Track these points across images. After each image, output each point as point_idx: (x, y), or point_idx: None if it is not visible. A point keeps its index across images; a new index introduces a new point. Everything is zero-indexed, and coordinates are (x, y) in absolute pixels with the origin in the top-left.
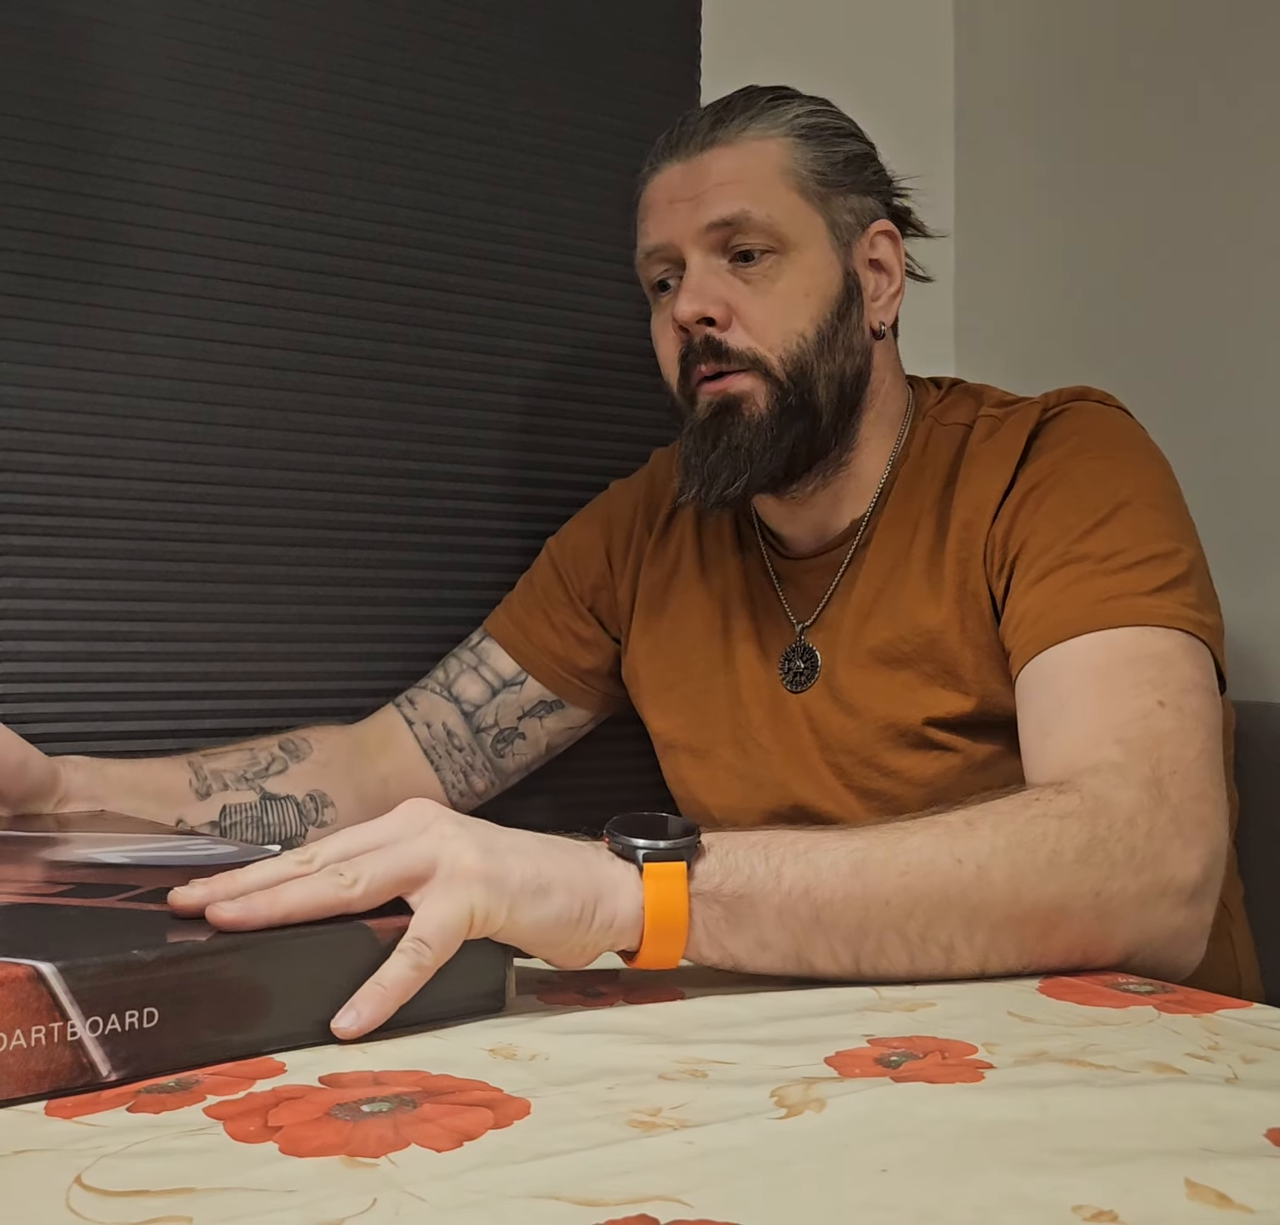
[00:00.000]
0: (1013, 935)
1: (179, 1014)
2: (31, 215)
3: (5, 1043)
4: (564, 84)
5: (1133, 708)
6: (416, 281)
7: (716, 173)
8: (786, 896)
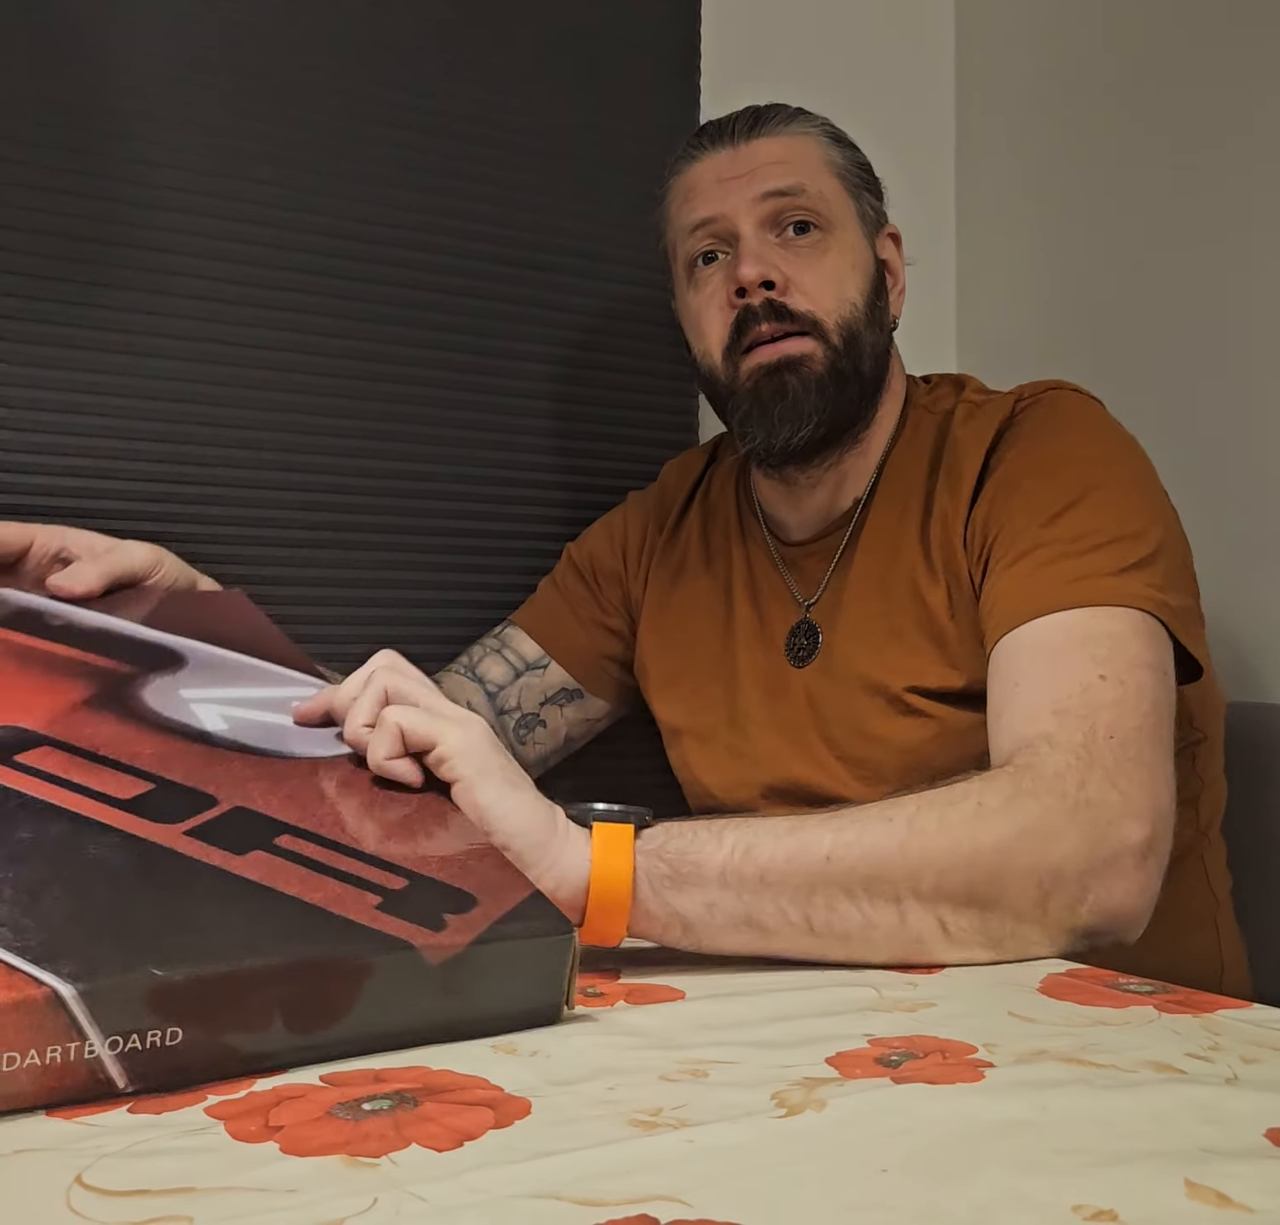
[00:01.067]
0: (960, 882)
1: (207, 1031)
2: (35, 216)
3: (19, 1061)
4: (564, 85)
5: (1074, 682)
6: (420, 282)
7: (766, 154)
8: (729, 855)
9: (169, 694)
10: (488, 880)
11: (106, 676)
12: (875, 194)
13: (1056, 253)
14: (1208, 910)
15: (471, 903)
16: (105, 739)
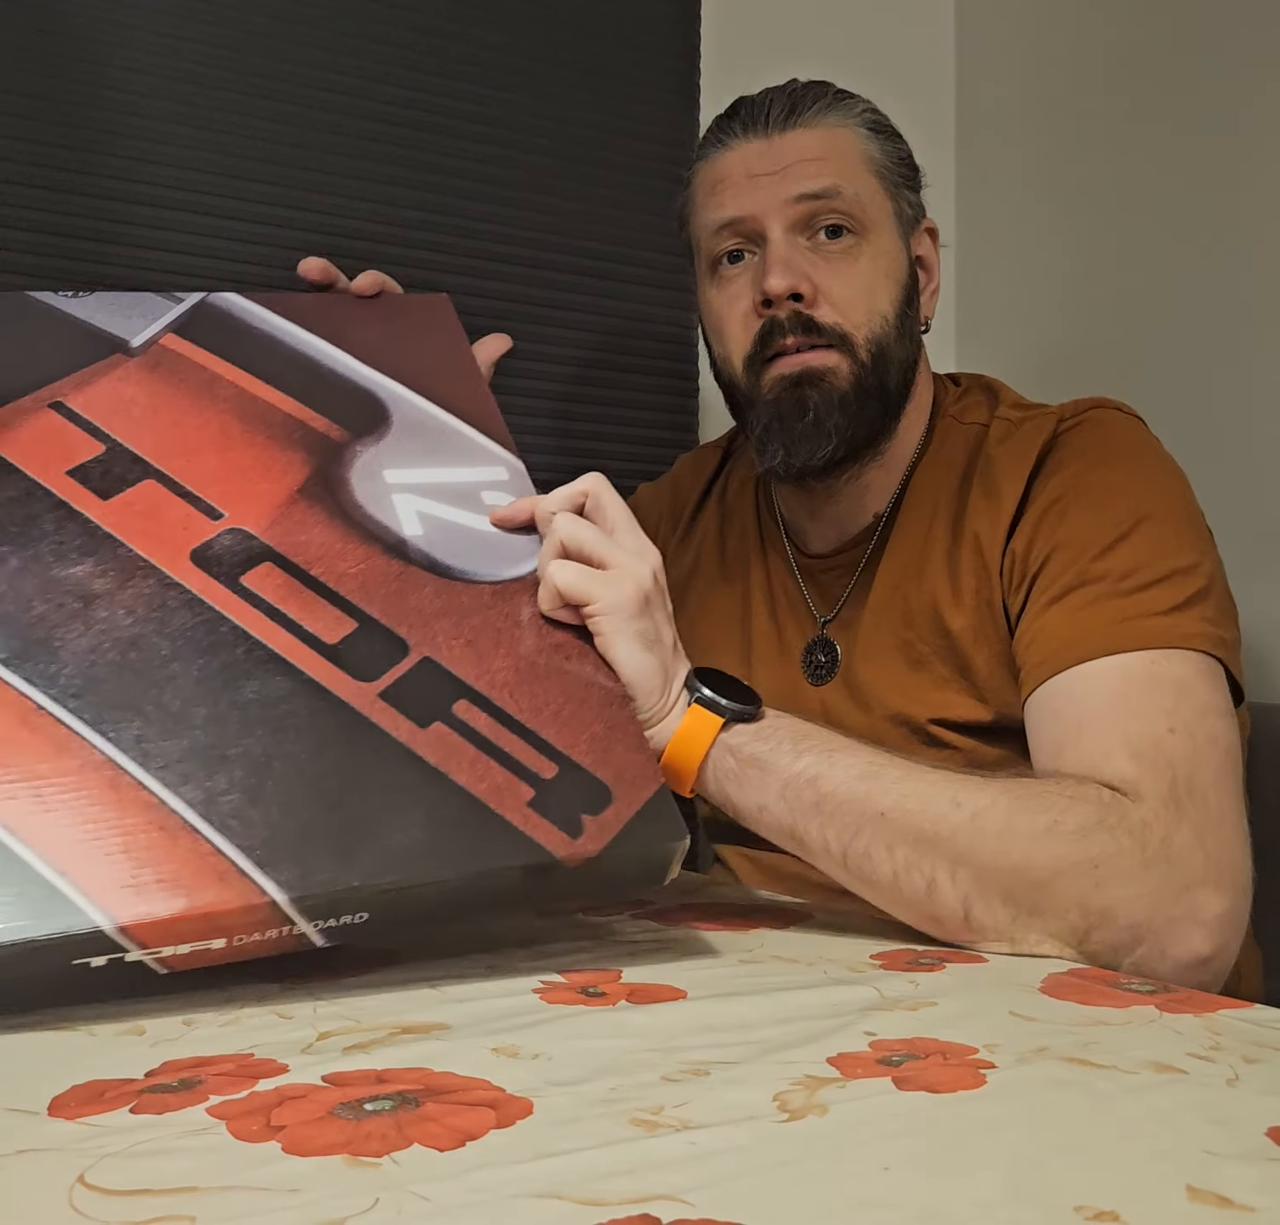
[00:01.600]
0: (999, 885)
1: (385, 916)
2: (32, 215)
3: (246, 938)
4: (564, 84)
5: (1145, 730)
6: (418, 281)
7: (802, 149)
8: (796, 777)
9: (374, 477)
10: (624, 769)
11: (320, 446)
12: (914, 188)
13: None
14: None
15: (606, 798)
16: (317, 550)
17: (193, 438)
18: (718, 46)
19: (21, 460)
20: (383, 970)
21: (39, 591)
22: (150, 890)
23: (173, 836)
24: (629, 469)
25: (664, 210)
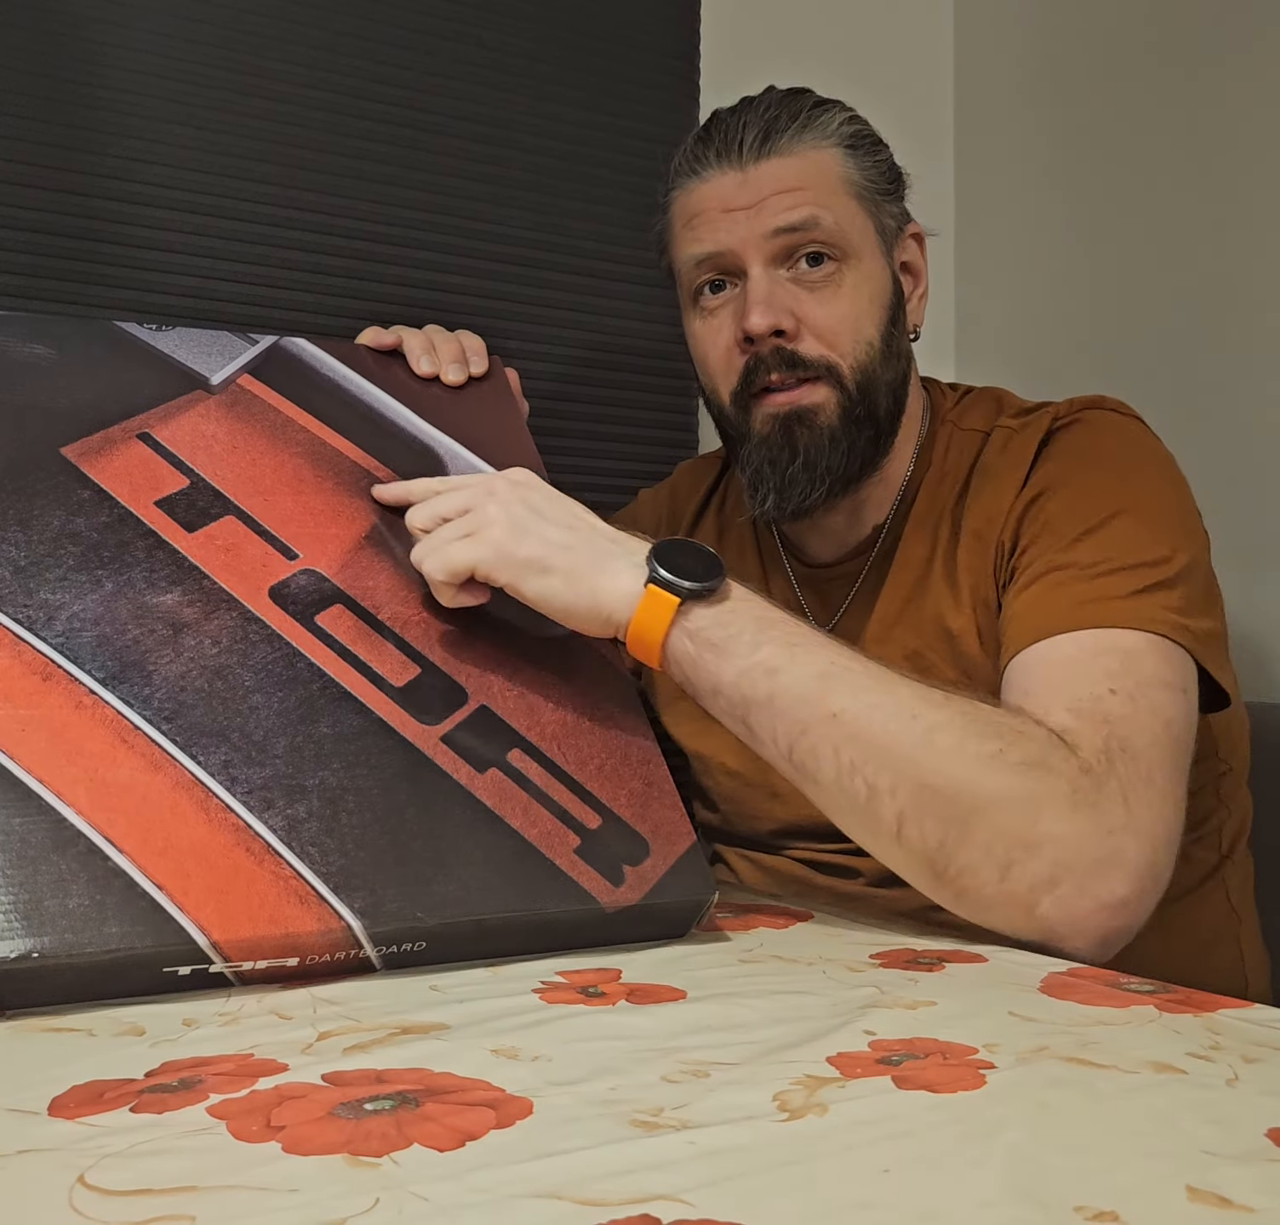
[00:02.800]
0: (937, 803)
1: (440, 946)
2: (29, 214)
3: (318, 959)
4: (564, 84)
5: (1085, 689)
6: (416, 281)
7: (777, 181)
8: (753, 667)
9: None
10: (660, 824)
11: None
12: (897, 196)
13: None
14: (1229, 928)
15: (644, 851)
16: (383, 596)
17: (269, 478)
18: (718, 46)
19: (113, 487)
20: (382, 970)
21: (133, 616)
22: (239, 908)
23: (258, 859)
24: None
25: None
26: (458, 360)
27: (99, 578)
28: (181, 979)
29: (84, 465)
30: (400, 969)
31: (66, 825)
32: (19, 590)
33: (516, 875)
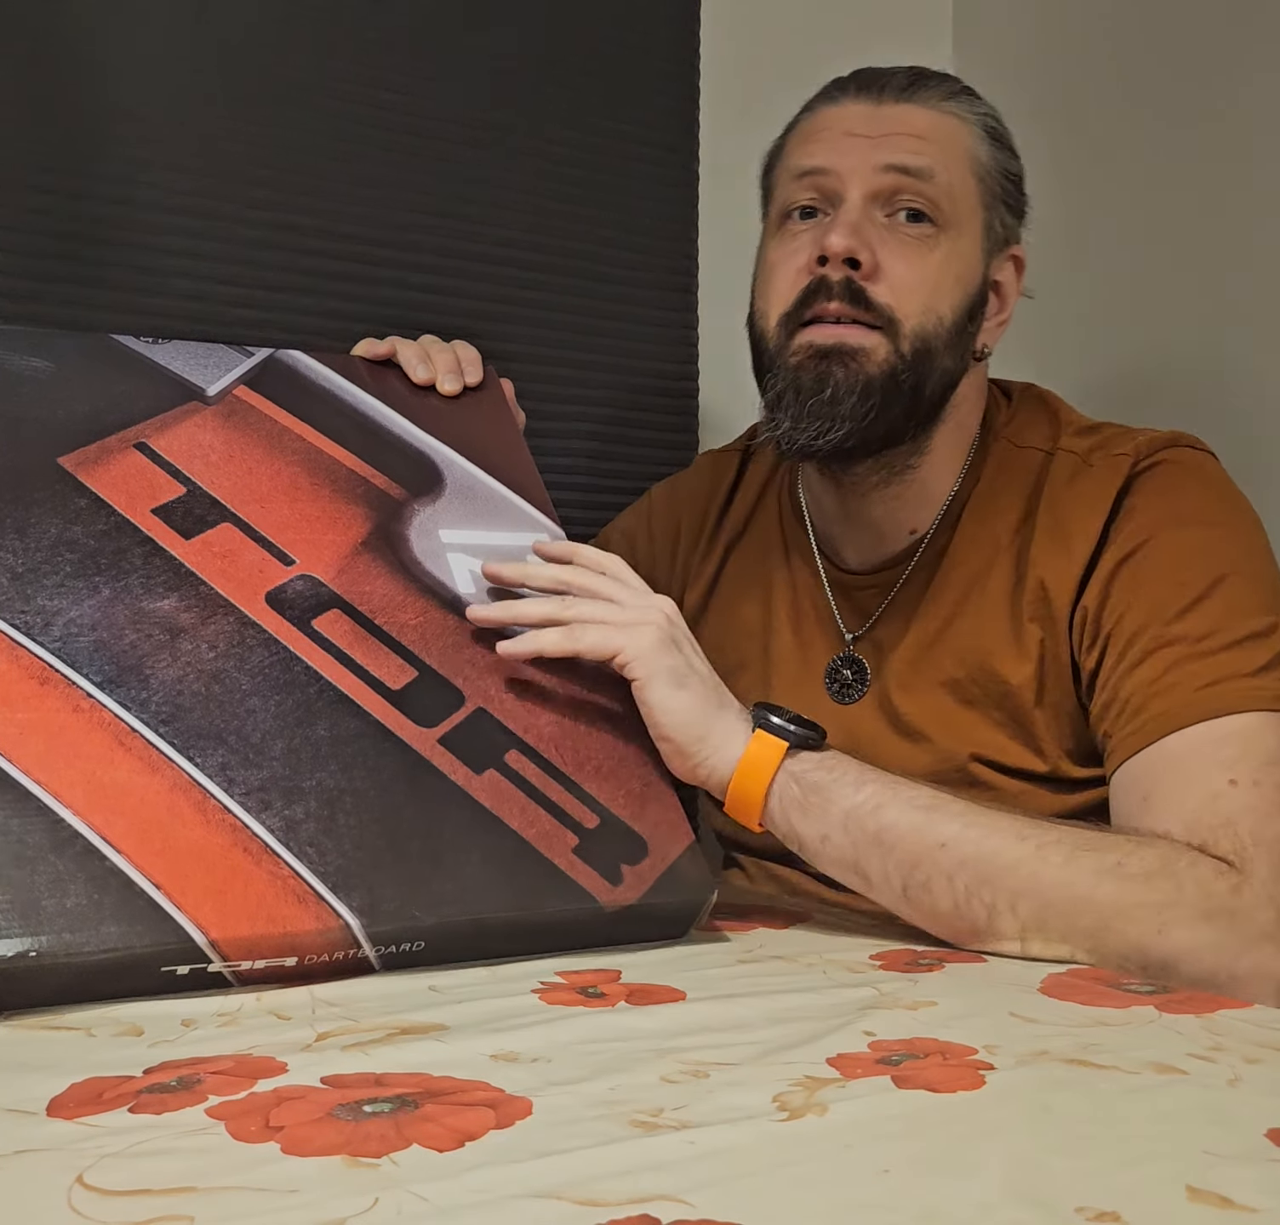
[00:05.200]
0: (1059, 920)
1: (439, 946)
2: (31, 217)
3: (316, 959)
4: (563, 85)
5: (1204, 792)
6: (415, 284)
7: (908, 123)
8: (858, 807)
9: (430, 535)
10: (659, 824)
11: (381, 503)
12: (1015, 210)
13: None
14: None
15: (643, 851)
16: (380, 601)
17: (265, 486)
18: (718, 46)
19: (110, 496)
20: (381, 970)
21: (130, 621)
22: (238, 907)
23: (256, 859)
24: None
25: (663, 212)
26: (453, 370)
27: (96, 584)
28: (180, 978)
29: (81, 474)
30: (399, 970)
31: (64, 826)
32: (16, 596)
33: (515, 874)
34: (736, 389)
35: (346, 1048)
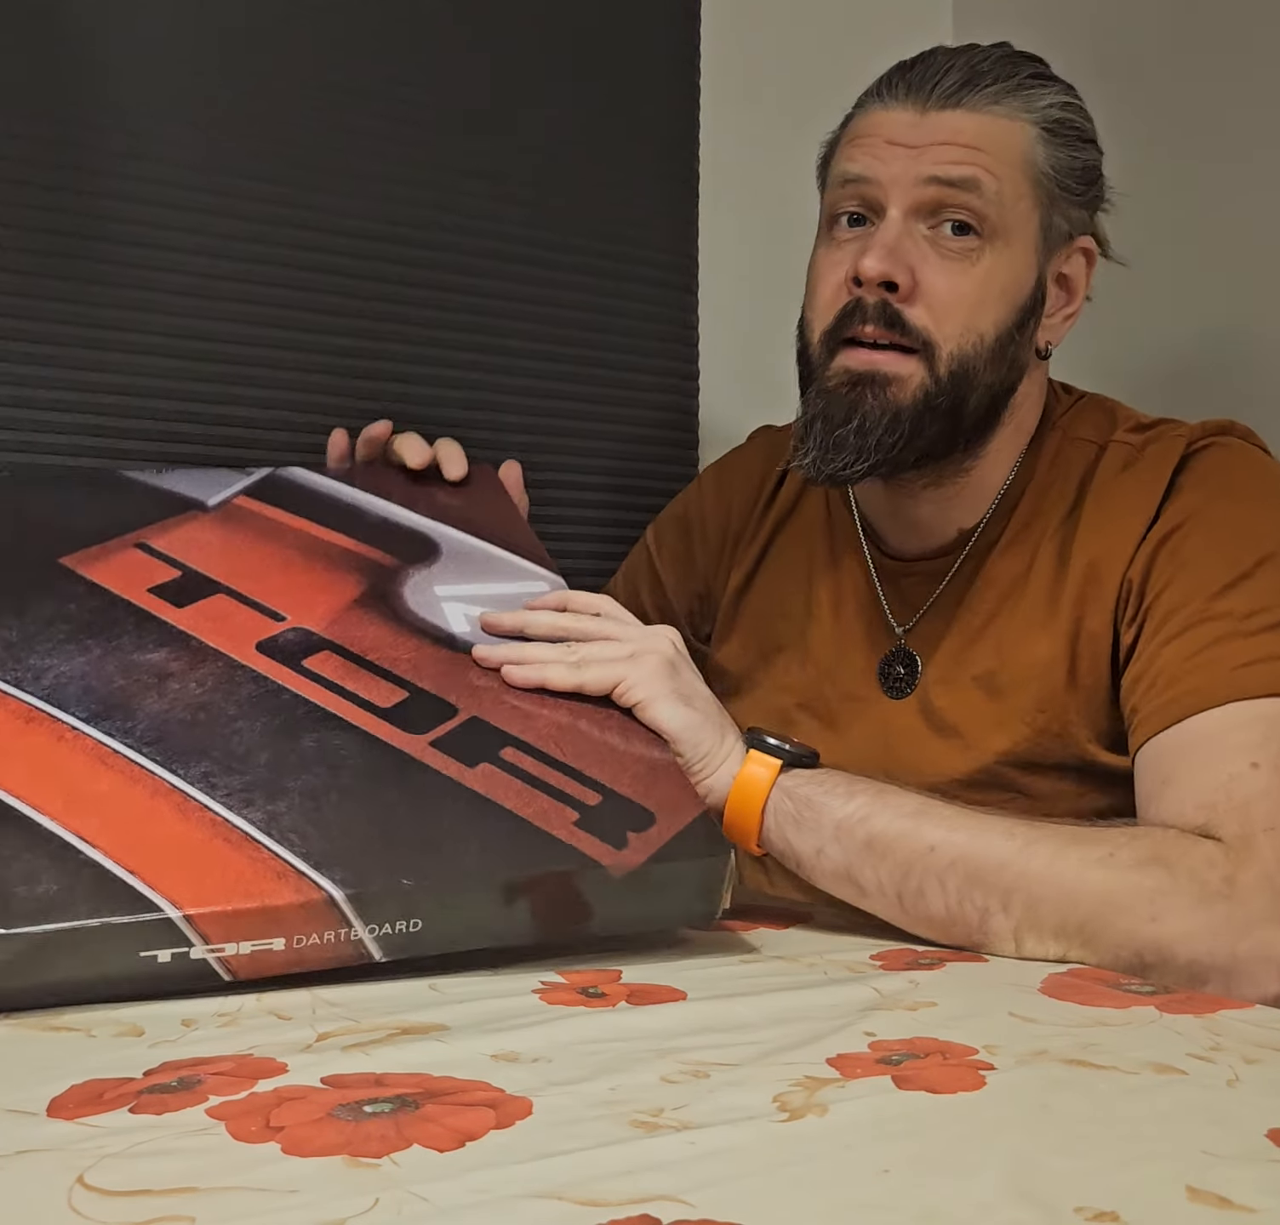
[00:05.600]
0: (1050, 916)
1: (438, 924)
2: (27, 213)
3: (305, 941)
4: (564, 84)
5: (1223, 774)
6: (415, 280)
7: (954, 131)
8: (849, 817)
9: (425, 591)
10: (667, 798)
11: (374, 570)
12: (1082, 203)
13: None
14: None
15: (650, 821)
16: (372, 642)
17: (260, 565)
18: (718, 47)
19: (108, 582)
20: (382, 970)
21: (119, 670)
22: (214, 887)
23: (235, 846)
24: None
25: (662, 212)
26: (453, 457)
27: (87, 645)
28: (165, 969)
29: (81, 569)
30: (400, 960)
31: (40, 828)
32: (8, 658)
33: (511, 845)
34: (737, 389)
35: (347, 1048)
